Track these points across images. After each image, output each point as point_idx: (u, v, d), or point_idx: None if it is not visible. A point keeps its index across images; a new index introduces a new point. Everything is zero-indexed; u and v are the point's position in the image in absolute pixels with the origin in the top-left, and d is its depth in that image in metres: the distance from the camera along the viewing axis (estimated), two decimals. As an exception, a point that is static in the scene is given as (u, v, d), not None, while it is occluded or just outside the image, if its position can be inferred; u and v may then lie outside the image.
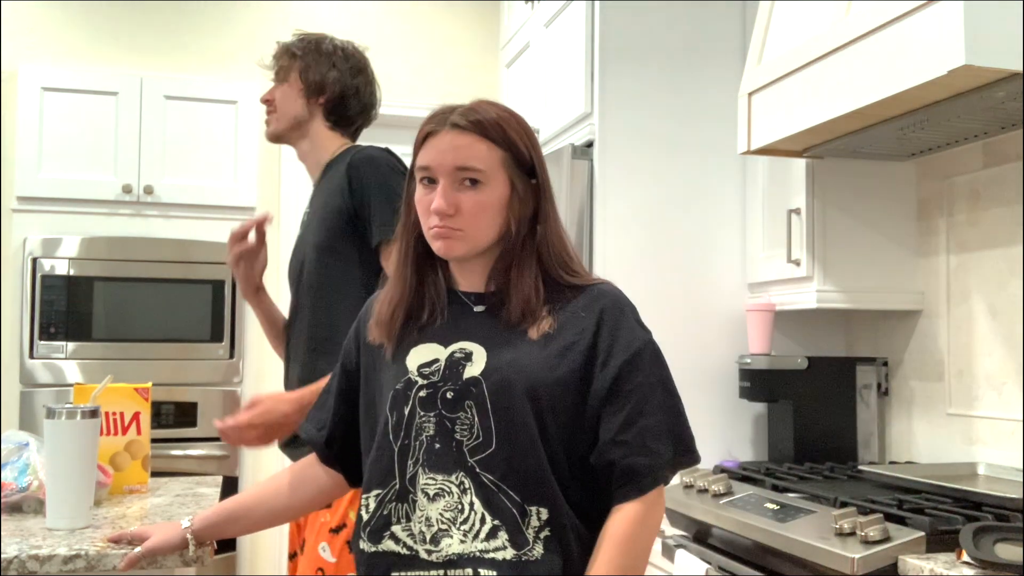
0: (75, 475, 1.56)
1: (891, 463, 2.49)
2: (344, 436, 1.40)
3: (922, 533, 1.63)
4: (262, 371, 3.51)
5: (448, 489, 1.20)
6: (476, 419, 1.21)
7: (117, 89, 3.43)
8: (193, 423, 3.33)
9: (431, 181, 1.28)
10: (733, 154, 2.76)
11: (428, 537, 1.20)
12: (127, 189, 3.40)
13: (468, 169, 1.25)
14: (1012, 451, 2.16)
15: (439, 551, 1.19)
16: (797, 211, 2.49)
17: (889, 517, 1.72)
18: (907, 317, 2.55)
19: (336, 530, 1.70)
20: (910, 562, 1.57)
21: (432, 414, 1.23)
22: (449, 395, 1.23)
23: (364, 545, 1.26)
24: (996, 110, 1.92)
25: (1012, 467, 2.13)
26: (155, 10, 3.70)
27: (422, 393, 1.25)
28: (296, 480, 1.44)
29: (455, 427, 1.22)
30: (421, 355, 1.28)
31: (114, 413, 1.96)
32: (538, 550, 1.18)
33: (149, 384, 2.03)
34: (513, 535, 1.18)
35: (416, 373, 1.27)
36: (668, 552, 2.20)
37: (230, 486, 1.88)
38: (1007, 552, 1.47)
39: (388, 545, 1.23)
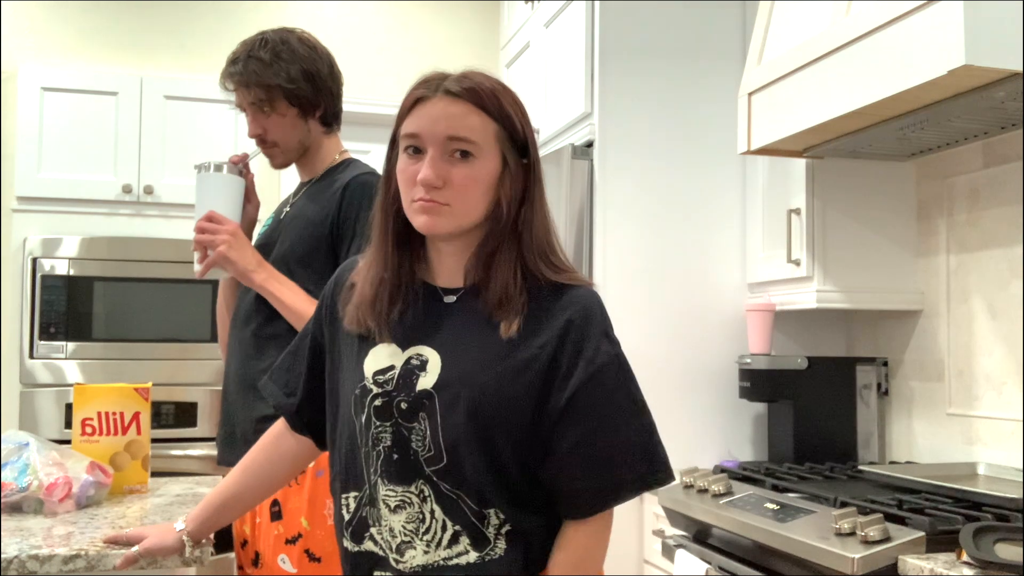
0: None
1: (891, 463, 2.49)
2: (312, 401, 1.36)
3: (922, 533, 1.63)
4: (262, 371, 3.50)
5: (408, 500, 1.18)
6: (428, 432, 1.17)
7: (117, 89, 3.43)
8: (193, 423, 3.33)
9: (417, 151, 1.19)
10: (733, 154, 2.76)
11: (394, 547, 1.19)
12: (127, 189, 3.40)
13: (460, 140, 1.17)
14: (1012, 451, 2.16)
15: (404, 562, 1.18)
16: (797, 211, 2.49)
17: (889, 517, 1.72)
18: (907, 317, 2.55)
19: (292, 540, 1.69)
20: (910, 562, 1.57)
21: (388, 424, 1.19)
22: (403, 406, 1.19)
23: (347, 544, 1.25)
24: (996, 110, 1.92)
25: (1012, 467, 2.13)
26: (155, 10, 3.70)
27: (377, 402, 1.20)
28: (269, 456, 1.43)
29: (411, 436, 1.18)
30: (378, 359, 1.23)
31: (114, 413, 1.96)
32: (500, 547, 1.17)
33: (149, 384, 2.03)
34: (474, 538, 1.16)
35: (371, 380, 1.22)
36: (668, 552, 2.20)
37: (230, 486, 1.88)
38: (1007, 552, 1.47)
39: (368, 545, 1.23)
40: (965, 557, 1.51)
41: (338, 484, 1.28)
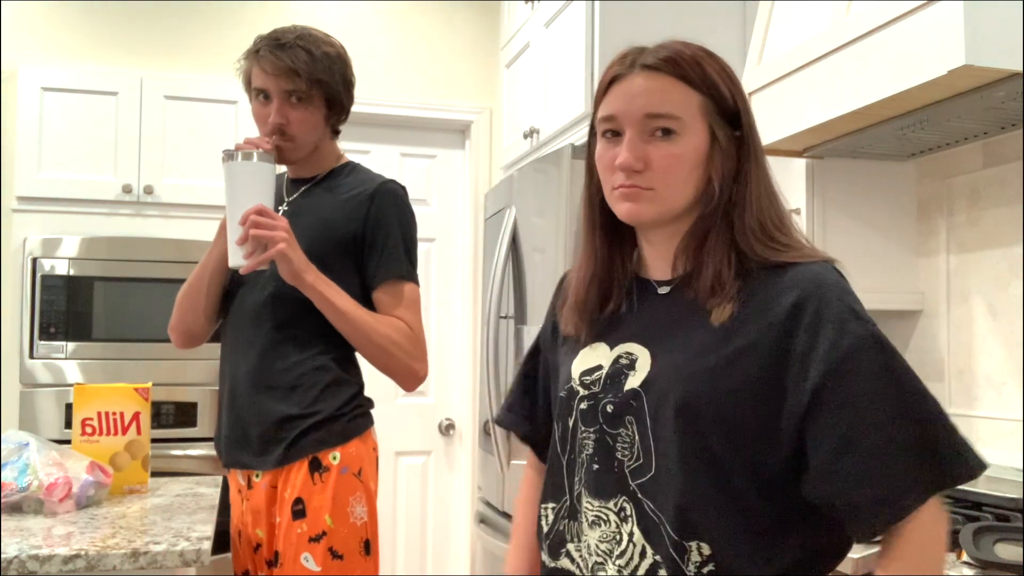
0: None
1: (891, 463, 2.49)
2: (549, 422, 1.24)
3: (922, 533, 1.63)
4: (262, 371, 3.50)
5: (605, 516, 1.06)
6: (636, 437, 1.04)
7: (117, 89, 3.43)
8: (193, 423, 3.33)
9: (615, 134, 1.11)
10: (733, 154, 2.76)
11: (589, 565, 1.08)
12: (127, 189, 3.40)
13: (660, 116, 1.07)
14: (1012, 451, 2.16)
15: None
16: (797, 211, 2.49)
17: (889, 517, 1.71)
18: (907, 317, 2.55)
19: (316, 539, 1.68)
20: (910, 562, 1.57)
21: (592, 429, 1.09)
22: (609, 408, 1.08)
23: (545, 558, 1.17)
24: (996, 110, 1.92)
25: (1012, 467, 2.13)
26: (155, 10, 3.70)
27: (583, 405, 1.11)
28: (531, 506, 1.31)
29: (616, 444, 1.06)
30: (586, 359, 1.14)
31: (114, 413, 1.96)
32: None
33: (149, 384, 2.03)
34: (673, 574, 1.00)
35: (578, 381, 1.13)
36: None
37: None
38: (1007, 552, 1.47)
39: (564, 563, 1.13)
40: (965, 557, 1.51)
41: (542, 493, 1.19)
